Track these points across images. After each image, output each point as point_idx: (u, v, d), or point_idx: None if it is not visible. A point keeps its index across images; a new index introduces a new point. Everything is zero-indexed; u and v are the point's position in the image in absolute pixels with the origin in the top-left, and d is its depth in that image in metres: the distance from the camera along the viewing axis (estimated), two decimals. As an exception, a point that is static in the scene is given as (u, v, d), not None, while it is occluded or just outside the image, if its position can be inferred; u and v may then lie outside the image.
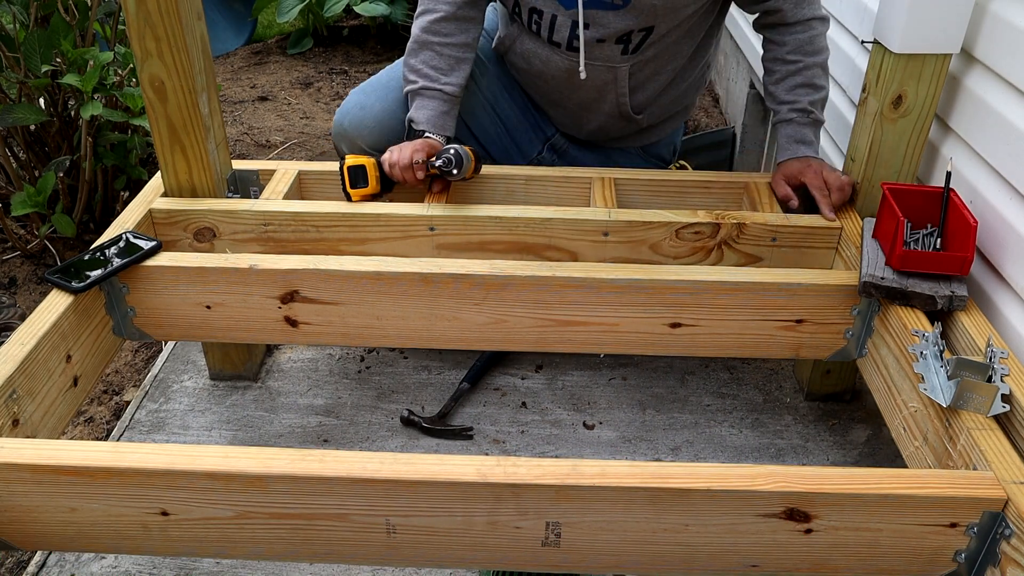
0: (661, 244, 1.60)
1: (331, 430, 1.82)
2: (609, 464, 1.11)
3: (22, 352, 1.24)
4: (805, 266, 1.60)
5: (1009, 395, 1.18)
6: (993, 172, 1.40)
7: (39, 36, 2.18)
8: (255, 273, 1.44)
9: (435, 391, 1.92)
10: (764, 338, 1.48)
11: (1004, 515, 1.07)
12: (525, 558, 1.15)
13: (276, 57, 4.28)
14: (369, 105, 1.82)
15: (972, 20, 1.44)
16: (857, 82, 1.84)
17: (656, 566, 1.16)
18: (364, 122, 1.81)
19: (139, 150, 2.50)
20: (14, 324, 2.19)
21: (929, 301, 1.35)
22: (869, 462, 1.75)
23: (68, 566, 1.51)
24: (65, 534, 1.16)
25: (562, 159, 2.00)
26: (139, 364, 2.13)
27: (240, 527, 1.14)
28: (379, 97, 1.82)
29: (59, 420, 1.32)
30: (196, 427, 1.82)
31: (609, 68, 1.76)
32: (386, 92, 1.82)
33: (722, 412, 1.88)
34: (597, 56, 1.74)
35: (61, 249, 2.51)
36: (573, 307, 1.45)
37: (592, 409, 1.88)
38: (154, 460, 1.09)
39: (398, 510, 1.11)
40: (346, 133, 1.82)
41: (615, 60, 1.75)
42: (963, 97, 1.50)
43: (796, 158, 1.69)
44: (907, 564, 1.14)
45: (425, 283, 1.43)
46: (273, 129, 3.48)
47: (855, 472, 1.11)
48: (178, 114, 1.54)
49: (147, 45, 1.47)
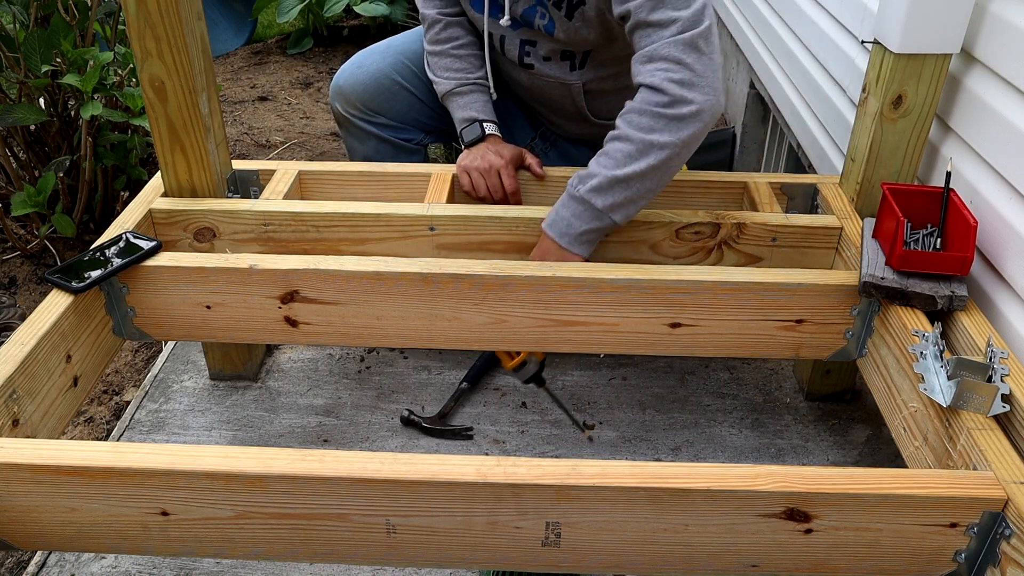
0: (661, 244, 1.60)
1: (331, 430, 1.82)
2: (609, 464, 1.11)
3: (22, 352, 1.24)
4: (805, 266, 1.60)
5: (1009, 395, 1.18)
6: (993, 172, 1.40)
7: (39, 36, 2.18)
8: (255, 273, 1.44)
9: (435, 391, 1.92)
10: (764, 338, 1.48)
11: (1004, 515, 1.07)
12: (525, 558, 1.15)
13: (276, 57, 4.28)
14: (366, 65, 1.90)
15: (972, 20, 1.44)
16: (857, 82, 1.84)
17: (656, 566, 1.16)
18: (358, 78, 1.89)
19: (139, 150, 2.50)
20: (14, 324, 2.19)
21: (929, 301, 1.35)
22: (869, 462, 1.75)
23: (68, 566, 1.51)
24: (65, 534, 1.16)
25: (554, 148, 2.02)
26: (139, 364, 2.13)
27: (240, 527, 1.14)
28: (375, 60, 1.91)
29: (59, 420, 1.32)
30: (196, 427, 1.82)
31: (562, 83, 1.79)
32: (383, 56, 1.91)
33: (722, 412, 1.88)
34: (548, 72, 1.78)
35: (61, 249, 2.51)
36: (573, 307, 1.45)
37: (592, 409, 1.88)
38: (154, 460, 1.09)
39: (398, 510, 1.11)
40: (341, 90, 1.90)
41: (566, 75, 1.78)
42: (963, 97, 1.50)
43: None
44: (907, 564, 1.14)
45: (425, 283, 1.43)
46: (273, 129, 3.48)
47: (855, 472, 1.11)
48: (178, 114, 1.54)
49: (147, 45, 1.47)
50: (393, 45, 1.94)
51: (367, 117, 1.89)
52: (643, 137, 1.43)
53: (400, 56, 1.91)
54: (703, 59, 1.43)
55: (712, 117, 1.45)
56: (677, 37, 1.43)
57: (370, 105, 1.88)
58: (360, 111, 1.89)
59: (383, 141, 1.91)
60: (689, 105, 1.42)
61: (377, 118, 1.89)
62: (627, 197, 1.46)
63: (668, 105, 1.42)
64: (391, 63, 1.90)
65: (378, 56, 1.92)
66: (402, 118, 1.91)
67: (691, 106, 1.42)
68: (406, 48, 1.92)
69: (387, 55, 1.91)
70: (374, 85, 1.88)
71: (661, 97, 1.42)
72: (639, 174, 1.44)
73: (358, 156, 1.95)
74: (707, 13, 1.46)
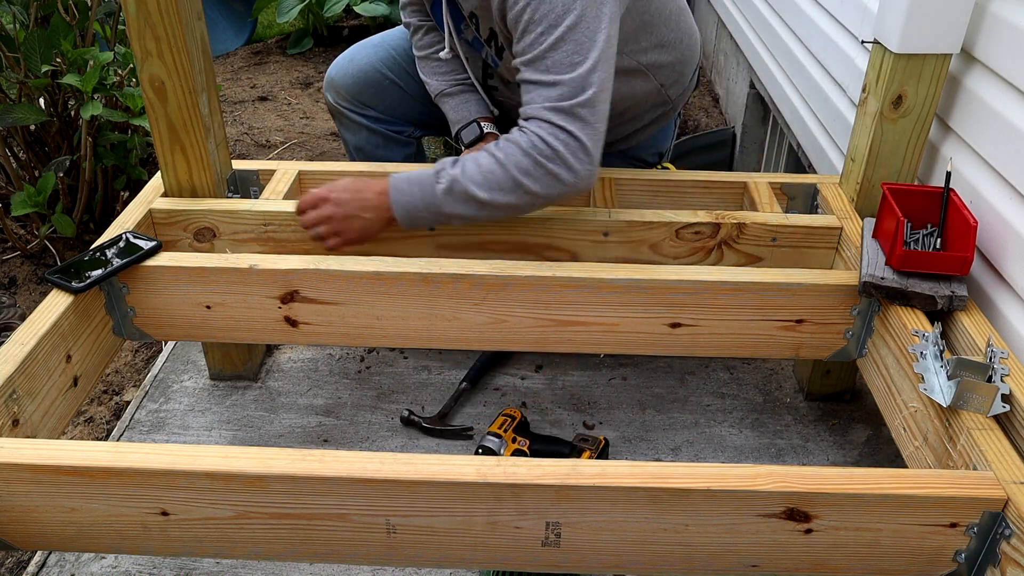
0: (661, 244, 1.60)
1: (331, 430, 1.82)
2: (609, 464, 1.11)
3: (22, 352, 1.24)
4: (805, 266, 1.60)
5: (1009, 395, 1.18)
6: (993, 172, 1.40)
7: (39, 36, 2.18)
8: (255, 273, 1.44)
9: (435, 391, 1.92)
10: (764, 338, 1.48)
11: (1004, 515, 1.07)
12: (525, 558, 1.15)
13: (276, 57, 4.28)
14: (357, 59, 1.92)
15: (972, 20, 1.44)
16: (857, 82, 1.84)
17: (656, 566, 1.16)
18: (349, 72, 1.91)
19: (139, 150, 2.50)
20: (14, 324, 2.19)
21: (929, 301, 1.35)
22: (869, 462, 1.75)
23: (68, 566, 1.51)
24: (65, 534, 1.16)
25: None
26: (139, 364, 2.13)
27: (240, 527, 1.14)
28: (366, 54, 1.93)
29: (59, 420, 1.32)
30: (196, 427, 1.82)
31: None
32: (375, 50, 1.93)
33: (722, 412, 1.88)
34: (510, 94, 1.78)
35: (61, 249, 2.51)
36: (573, 307, 1.45)
37: (592, 409, 1.88)
38: (154, 460, 1.09)
39: (398, 510, 1.11)
40: (333, 82, 1.93)
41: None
42: (963, 97, 1.50)
43: None
44: (907, 564, 1.14)
45: (425, 283, 1.43)
46: (273, 129, 3.48)
47: (855, 472, 1.11)
48: (178, 114, 1.54)
49: (147, 45, 1.47)
50: (387, 40, 1.95)
51: (357, 109, 1.91)
52: (518, 177, 1.42)
53: (392, 51, 1.92)
54: (586, 129, 1.41)
55: (586, 188, 1.46)
56: (557, 104, 1.40)
57: (360, 98, 1.90)
58: (350, 103, 1.91)
59: (374, 132, 1.93)
60: (570, 172, 1.42)
61: (367, 111, 1.91)
62: (474, 215, 1.48)
63: (551, 160, 1.42)
64: (382, 58, 1.91)
65: (370, 50, 1.93)
66: (392, 112, 1.92)
67: (571, 175, 1.42)
68: (398, 44, 1.93)
69: (379, 49, 1.93)
70: (364, 79, 1.89)
71: (547, 150, 1.41)
72: (497, 206, 1.45)
73: (351, 146, 1.98)
74: (593, 79, 1.40)
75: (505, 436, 1.67)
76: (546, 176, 1.42)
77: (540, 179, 1.43)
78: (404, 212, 1.49)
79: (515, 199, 1.45)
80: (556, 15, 1.39)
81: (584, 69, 1.40)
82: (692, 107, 3.54)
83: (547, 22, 1.40)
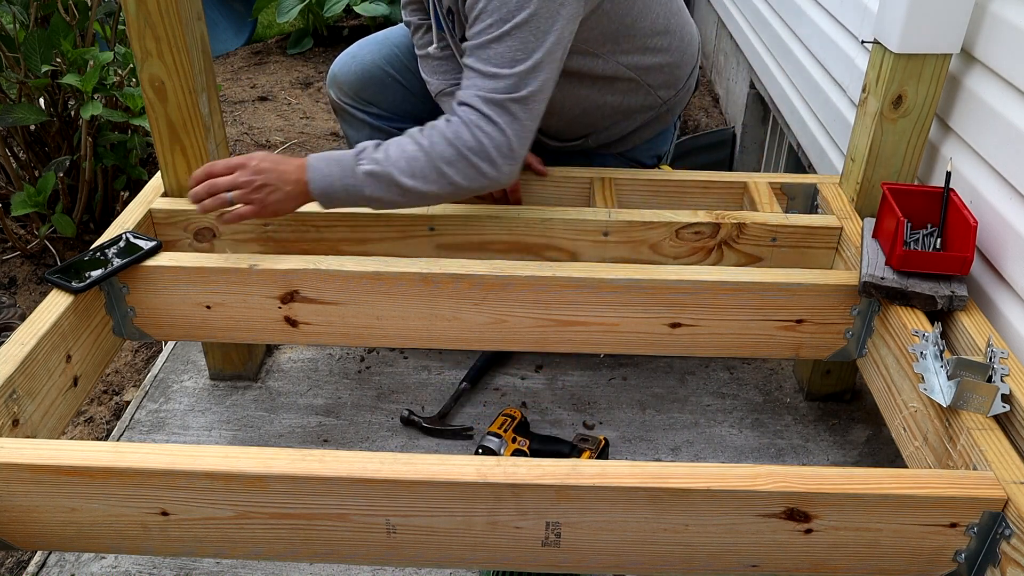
0: (661, 244, 1.60)
1: (331, 430, 1.82)
2: (609, 464, 1.11)
3: (22, 352, 1.24)
4: (805, 266, 1.60)
5: (1009, 395, 1.18)
6: (993, 172, 1.40)
7: (39, 36, 2.18)
8: (255, 273, 1.44)
9: (435, 391, 1.92)
10: (764, 338, 1.48)
11: (1004, 515, 1.07)
12: (525, 558, 1.15)
13: (276, 57, 4.28)
14: (360, 56, 1.93)
15: (972, 20, 1.44)
16: (857, 82, 1.84)
17: (656, 566, 1.16)
18: (351, 68, 1.91)
19: (139, 150, 2.50)
20: (14, 324, 2.19)
21: (929, 301, 1.35)
22: (869, 462, 1.75)
23: (68, 566, 1.51)
24: (65, 534, 1.16)
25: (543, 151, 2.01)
26: (139, 364, 2.13)
27: (240, 527, 1.14)
28: (370, 50, 1.93)
29: (59, 420, 1.32)
30: (196, 427, 1.82)
31: None
32: (379, 47, 1.93)
33: (722, 412, 1.88)
34: None
35: (61, 249, 2.51)
36: (573, 307, 1.45)
37: (592, 409, 1.88)
38: (154, 460, 1.09)
39: (398, 510, 1.11)
40: (336, 78, 1.93)
41: None
42: (963, 97, 1.50)
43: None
44: (907, 564, 1.14)
45: (425, 283, 1.43)
46: (273, 129, 3.48)
47: (855, 472, 1.11)
48: (178, 114, 1.54)
49: (147, 45, 1.47)
50: (390, 37, 1.95)
51: (360, 106, 1.92)
52: (440, 167, 1.42)
53: (395, 48, 1.92)
54: (514, 124, 1.42)
55: (508, 183, 1.47)
56: (490, 95, 1.41)
57: (362, 95, 1.90)
58: (353, 100, 1.91)
59: (376, 129, 1.93)
60: (492, 167, 1.43)
61: (370, 108, 1.91)
62: (394, 200, 1.47)
63: (475, 152, 1.42)
64: (385, 55, 1.91)
65: (374, 47, 1.93)
66: (394, 109, 1.92)
67: (493, 169, 1.43)
68: (401, 41, 1.93)
69: (383, 47, 1.93)
70: (367, 76, 1.90)
71: (472, 142, 1.42)
72: (419, 193, 1.45)
73: (353, 143, 1.97)
74: (532, 80, 1.40)
75: (505, 436, 1.67)
76: (468, 168, 1.43)
77: (463, 170, 1.43)
78: (320, 190, 1.46)
79: (437, 188, 1.45)
80: (508, 10, 1.40)
81: (524, 68, 1.41)
82: (692, 107, 3.54)
83: (498, 15, 1.40)
